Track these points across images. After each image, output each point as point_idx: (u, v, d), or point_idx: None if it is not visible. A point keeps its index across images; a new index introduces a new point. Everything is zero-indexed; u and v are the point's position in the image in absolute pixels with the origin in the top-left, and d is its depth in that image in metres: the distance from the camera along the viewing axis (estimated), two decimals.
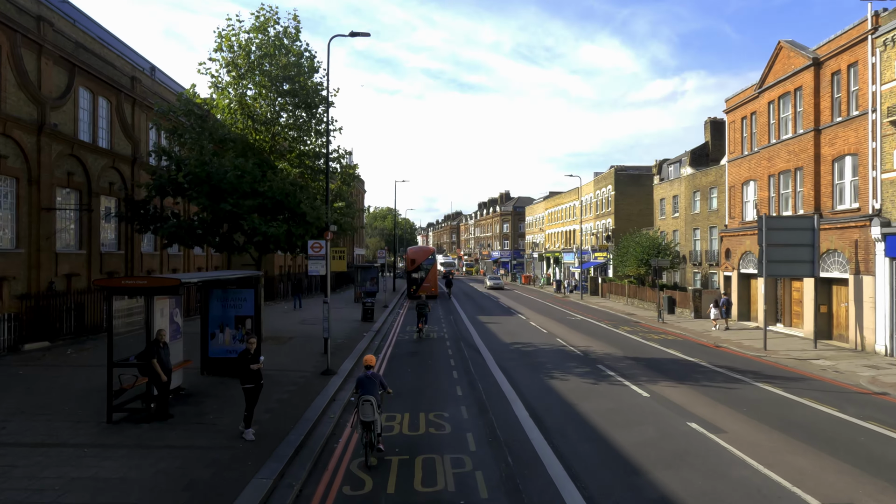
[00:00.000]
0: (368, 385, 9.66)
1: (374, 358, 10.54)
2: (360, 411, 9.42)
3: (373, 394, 9.56)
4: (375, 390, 9.67)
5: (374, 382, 9.76)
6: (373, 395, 9.54)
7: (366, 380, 9.74)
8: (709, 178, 40.38)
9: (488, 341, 23.92)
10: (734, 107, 32.09)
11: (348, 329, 25.93)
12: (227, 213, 18.20)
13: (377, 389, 9.73)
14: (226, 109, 20.41)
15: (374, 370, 10.07)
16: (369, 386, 9.65)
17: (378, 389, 9.76)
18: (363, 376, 9.84)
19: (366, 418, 9.40)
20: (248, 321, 15.25)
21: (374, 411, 9.41)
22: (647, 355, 20.78)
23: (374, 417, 9.46)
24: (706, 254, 40.45)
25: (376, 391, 9.68)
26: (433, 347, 22.29)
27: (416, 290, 48.24)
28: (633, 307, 41.30)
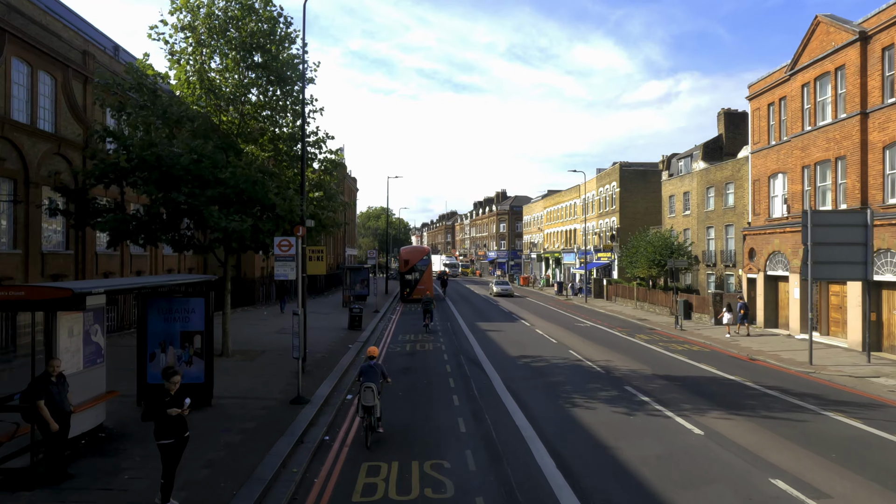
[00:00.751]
0: (370, 373, 10.85)
1: (377, 349, 11.83)
2: (362, 397, 10.58)
3: (374, 381, 10.70)
4: (377, 378, 10.82)
5: (376, 371, 10.93)
6: (374, 382, 10.68)
7: (368, 368, 10.96)
8: (724, 173, 37.52)
9: (492, 354, 20.90)
10: (759, 92, 29.19)
11: (332, 339, 22.83)
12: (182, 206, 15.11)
13: (378, 378, 10.87)
14: (184, 83, 17.32)
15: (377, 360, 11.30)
16: (371, 374, 10.83)
17: (379, 378, 10.91)
18: (365, 365, 11.08)
19: (367, 403, 10.54)
20: (197, 338, 12.17)
21: (374, 397, 10.53)
22: (679, 372, 17.80)
23: (375, 402, 10.57)
24: (721, 254, 37.60)
25: (377, 379, 10.83)
26: (429, 362, 19.25)
27: (410, 293, 45.17)
28: (643, 312, 38.36)
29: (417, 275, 45.47)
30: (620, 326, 30.40)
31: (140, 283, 10.90)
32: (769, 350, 22.17)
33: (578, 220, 63.81)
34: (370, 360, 11.20)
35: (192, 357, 12.11)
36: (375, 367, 10.99)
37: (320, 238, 18.94)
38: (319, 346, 21.12)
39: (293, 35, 18.32)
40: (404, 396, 14.49)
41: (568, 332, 27.75)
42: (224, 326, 17.92)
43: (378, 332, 26.48)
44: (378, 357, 12.62)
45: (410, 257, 46.10)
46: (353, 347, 21.06)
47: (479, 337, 25.36)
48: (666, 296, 36.89)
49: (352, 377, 16.53)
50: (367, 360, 11.26)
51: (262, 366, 17.01)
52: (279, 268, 13.07)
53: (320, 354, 19.30)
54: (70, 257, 21.22)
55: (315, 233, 17.70)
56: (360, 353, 20.60)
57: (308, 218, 16.38)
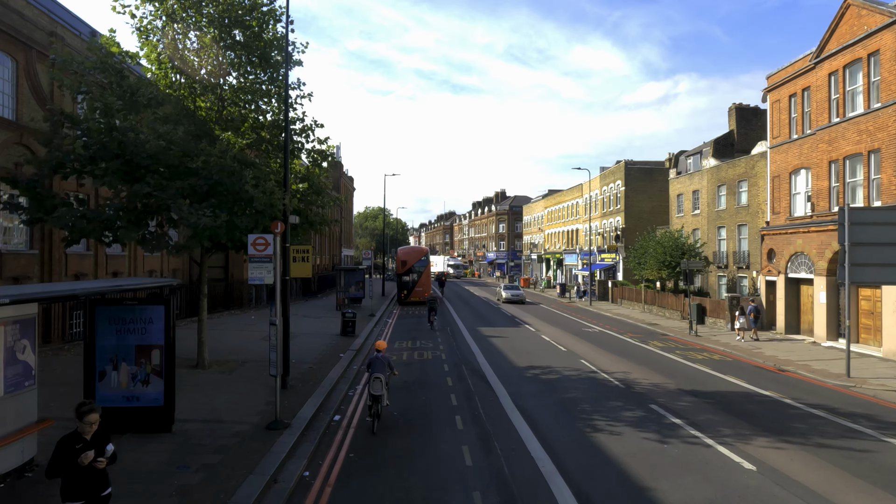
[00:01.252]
0: (378, 365, 11.75)
1: (385, 343, 12.88)
2: (371, 386, 11.45)
3: (382, 373, 11.60)
4: (384, 370, 11.73)
5: (384, 363, 11.84)
6: (382, 373, 11.59)
7: (376, 360, 11.86)
8: (737, 170, 35.79)
9: (497, 364, 19.07)
10: (779, 83, 27.42)
11: (322, 347, 20.97)
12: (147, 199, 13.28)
13: (386, 370, 11.80)
14: (154, 62, 15.47)
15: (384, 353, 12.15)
16: (379, 366, 11.74)
17: (387, 370, 11.82)
18: (374, 357, 11.98)
19: (375, 392, 11.39)
20: (156, 352, 10.32)
21: (382, 386, 11.44)
22: (706, 387, 15.99)
23: (383, 392, 11.45)
24: (734, 255, 35.87)
25: (385, 371, 11.74)
26: (428, 374, 17.41)
27: (408, 296, 43.34)
28: (652, 316, 36.56)
29: (415, 276, 43.63)
30: (631, 332, 28.59)
31: (79, 290, 9.02)
32: (797, 359, 20.39)
33: (581, 221, 62.05)
34: (378, 352, 12.18)
35: (149, 375, 10.26)
36: (383, 359, 11.96)
37: (307, 237, 17.05)
38: (308, 354, 19.28)
39: (278, 12, 16.48)
40: (401, 416, 12.67)
41: (577, 338, 25.93)
42: (200, 335, 16.07)
43: (373, 339, 24.61)
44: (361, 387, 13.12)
45: (408, 258, 44.27)
46: (345, 357, 19.21)
47: (482, 344, 23.53)
48: (677, 299, 35.11)
49: (341, 392, 14.74)
50: (376, 352, 12.24)
51: (241, 379, 15.15)
52: (254, 270, 11.22)
53: (307, 366, 17.45)
54: (33, 258, 19.35)
55: (301, 230, 15.85)
56: (352, 362, 18.76)
57: (292, 214, 14.54)
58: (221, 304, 31.00)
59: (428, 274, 44.21)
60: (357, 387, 15.73)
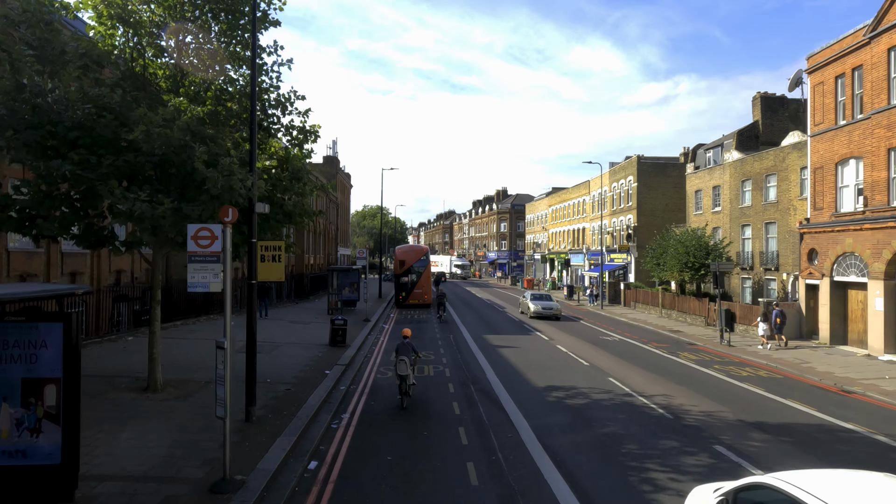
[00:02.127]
0: (403, 350, 13.47)
1: (410, 331, 14.47)
2: (398, 367, 13.29)
3: (407, 356, 13.38)
4: (409, 354, 13.47)
5: (408, 348, 13.55)
6: (407, 356, 13.36)
7: (402, 346, 13.56)
8: (764, 163, 32.88)
9: (511, 383, 16.11)
10: (822, 63, 24.48)
11: (306, 361, 17.99)
12: (74, 179, 10.31)
13: (411, 354, 13.52)
14: (94, 16, 12.47)
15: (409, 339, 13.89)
16: (404, 350, 13.46)
17: (412, 354, 13.55)
18: (400, 343, 13.63)
19: (402, 372, 13.25)
20: (51, 389, 7.34)
21: (407, 367, 13.23)
22: (772, 416, 13.04)
23: (408, 372, 13.28)
24: (760, 255, 32.95)
25: (410, 354, 13.47)
26: (429, 398, 14.44)
27: (406, 298, 40.36)
28: (672, 321, 33.61)
29: (414, 277, 40.66)
30: (655, 341, 25.65)
31: None
32: (858, 377, 17.46)
33: (588, 219, 59.15)
34: (404, 338, 13.82)
35: (40, 421, 7.29)
36: (408, 344, 13.59)
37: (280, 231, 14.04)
38: (287, 371, 16.30)
39: None
40: (395, 462, 9.71)
41: (597, 348, 22.97)
42: (151, 350, 13.10)
43: (366, 349, 21.65)
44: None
45: (407, 257, 41.30)
46: (332, 374, 16.23)
47: (490, 356, 20.57)
48: (700, 303, 32.18)
49: (322, 425, 11.80)
50: (403, 338, 13.88)
51: (196, 408, 12.16)
52: (195, 272, 8.24)
53: (285, 387, 14.46)
54: None
55: (274, 223, 12.85)
56: (340, 381, 15.80)
57: (261, 201, 11.59)
58: (200, 308, 28.00)
59: (428, 275, 41.24)
60: (343, 415, 12.77)
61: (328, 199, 62.42)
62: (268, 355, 18.27)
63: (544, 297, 36.30)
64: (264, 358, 17.77)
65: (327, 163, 71.62)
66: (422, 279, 40.62)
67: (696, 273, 31.58)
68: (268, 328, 24.90)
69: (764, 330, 23.28)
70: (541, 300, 35.25)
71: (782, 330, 23.55)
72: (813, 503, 4.62)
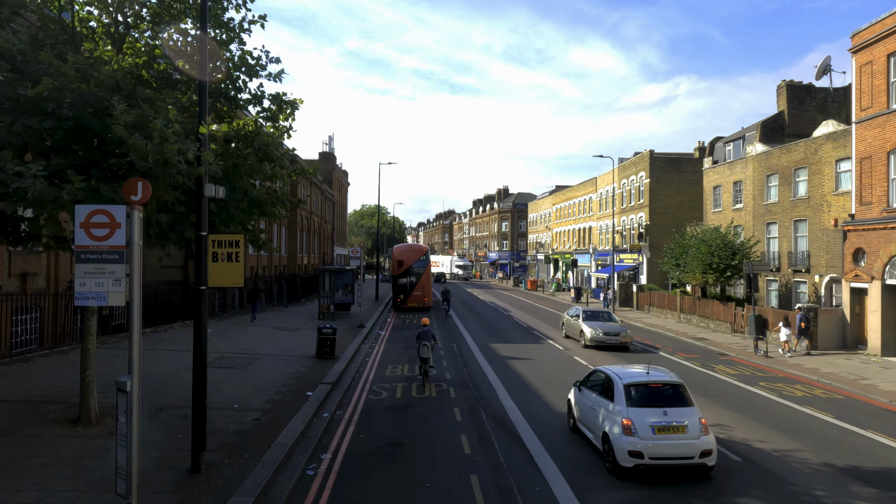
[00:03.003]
0: (425, 336, 15.67)
1: (428, 321, 16.80)
2: (420, 350, 15.56)
3: (428, 340, 15.61)
4: (430, 339, 15.71)
5: (429, 335, 15.77)
6: (428, 341, 15.61)
7: (423, 333, 15.77)
8: (793, 156, 30.25)
9: (529, 409, 13.44)
10: (871, 41, 21.83)
11: (285, 379, 15.28)
12: None
13: (431, 339, 15.77)
14: None
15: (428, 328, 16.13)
16: (425, 336, 15.66)
17: (431, 340, 15.81)
18: (421, 331, 15.88)
19: (424, 355, 15.53)
20: None
21: (428, 350, 15.56)
22: (865, 458, 10.37)
23: (429, 355, 15.58)
24: (789, 256, 30.32)
25: (430, 340, 15.70)
26: (432, 431, 11.76)
27: (405, 301, 37.67)
28: (693, 327, 30.96)
29: (413, 278, 37.97)
30: (682, 350, 22.99)
31: None
32: None
33: (594, 218, 56.49)
34: (424, 327, 16.18)
35: None
36: (428, 331, 15.96)
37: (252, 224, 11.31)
38: (261, 393, 13.60)
39: None
40: None
41: (619, 359, 20.27)
42: (83, 373, 10.40)
43: (358, 362, 18.96)
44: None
45: (405, 257, 38.60)
46: (315, 396, 13.55)
47: (502, 371, 17.90)
48: (725, 308, 29.52)
49: (296, 470, 9.14)
50: (423, 326, 16.23)
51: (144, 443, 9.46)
52: (84, 277, 5.50)
53: (254, 415, 11.75)
54: None
55: (238, 212, 10.10)
56: (324, 404, 13.13)
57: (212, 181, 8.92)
58: (178, 313, 25.30)
59: (428, 276, 38.53)
60: (324, 455, 10.10)
61: (323, 196, 59.72)
62: (240, 372, 15.59)
63: (603, 317, 24.16)
64: (236, 375, 15.09)
65: (323, 159, 68.97)
66: (421, 280, 37.93)
67: (722, 275, 28.92)
68: (248, 336, 22.20)
69: (786, 335, 21.84)
70: (599, 321, 23.45)
71: (807, 335, 22.30)
72: None
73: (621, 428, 9.17)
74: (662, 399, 9.62)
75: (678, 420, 9.22)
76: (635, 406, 9.45)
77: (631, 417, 9.22)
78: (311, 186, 52.41)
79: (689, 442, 9.03)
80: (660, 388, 9.80)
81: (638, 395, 9.66)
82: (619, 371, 10.45)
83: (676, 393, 9.77)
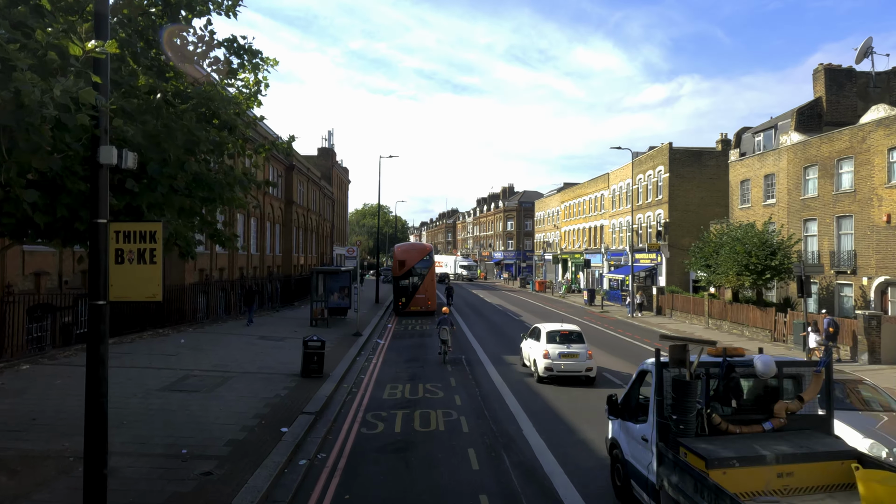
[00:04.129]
0: (444, 322, 19.11)
1: (448, 310, 22.58)
2: (440, 333, 19.03)
3: (447, 325, 19.04)
4: (449, 324, 19.13)
5: (448, 321, 19.27)
6: (447, 325, 19.04)
7: (443, 320, 19.21)
8: (836, 145, 27.33)
9: (561, 448, 10.57)
10: None
11: (258, 407, 12.34)
12: None
13: (449, 325, 19.17)
14: None
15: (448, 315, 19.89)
16: (444, 322, 19.11)
17: (449, 325, 19.19)
18: (442, 317, 19.39)
19: (443, 337, 18.90)
20: None
21: (448, 333, 18.95)
22: None
23: (448, 337, 18.93)
24: (831, 256, 27.39)
25: (449, 325, 19.11)
26: (440, 483, 8.88)
27: (407, 305, 34.78)
28: (725, 334, 28.02)
29: (416, 279, 35.08)
30: None
31: None
32: None
33: (607, 216, 53.59)
34: (444, 314, 19.76)
35: None
36: (447, 318, 19.39)
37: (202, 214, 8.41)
38: (223, 428, 10.69)
39: None
40: None
41: None
42: None
43: (351, 380, 16.07)
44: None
45: (407, 257, 35.72)
46: (291, 433, 10.67)
47: (522, 393, 15.02)
48: (763, 314, 26.58)
49: None
50: (443, 314, 19.83)
51: None
52: None
53: (205, 466, 8.84)
54: None
55: (162, 190, 7.17)
56: (300, 449, 10.25)
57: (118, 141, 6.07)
58: (150, 320, 22.44)
59: (432, 277, 35.61)
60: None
61: (321, 193, 56.87)
62: (204, 397, 12.70)
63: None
64: (197, 402, 12.21)
65: (322, 155, 66.14)
66: (424, 282, 35.03)
67: (760, 277, 25.99)
68: (226, 348, 19.35)
69: (816, 342, 19.88)
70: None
71: (835, 341, 20.87)
72: None
73: (541, 355, 16.16)
74: (567, 340, 16.45)
75: (574, 350, 16.07)
76: (549, 343, 16.32)
77: (547, 348, 16.13)
78: (309, 182, 49.56)
79: (580, 363, 15.93)
80: (566, 334, 16.71)
81: (551, 337, 16.54)
82: (545, 325, 17.89)
83: (576, 336, 16.68)
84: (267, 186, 9.50)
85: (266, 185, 9.50)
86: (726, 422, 6.62)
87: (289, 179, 42.39)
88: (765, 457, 5.94)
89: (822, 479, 5.98)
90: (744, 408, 6.90)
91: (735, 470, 5.78)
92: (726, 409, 6.84)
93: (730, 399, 6.80)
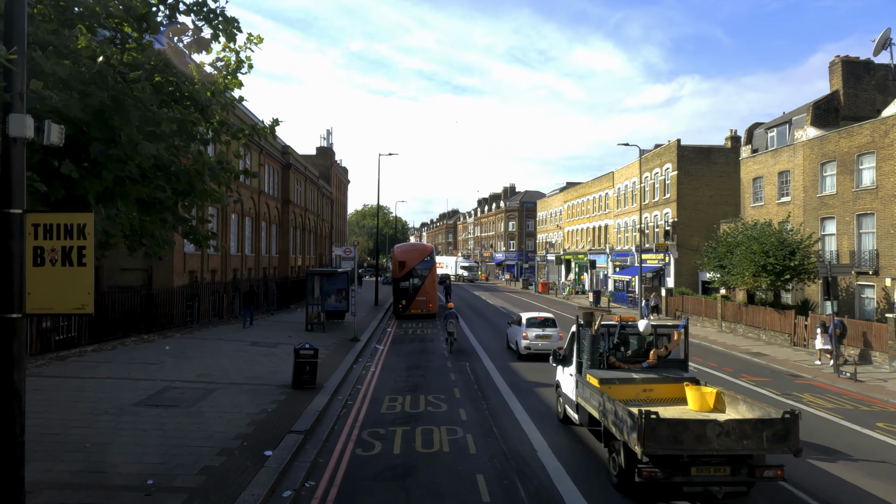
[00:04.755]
0: (450, 315, 21.37)
1: (453, 304, 24.96)
2: (447, 326, 21.05)
3: (453, 319, 21.26)
4: (455, 318, 21.35)
5: (455, 315, 21.66)
6: (453, 319, 21.23)
7: (449, 314, 21.53)
8: (857, 140, 26.09)
9: (580, 472, 9.30)
10: None
11: (242, 425, 11.07)
12: None
13: (455, 319, 21.38)
14: None
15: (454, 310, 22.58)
16: (451, 316, 21.33)
17: (455, 319, 21.41)
18: (448, 312, 21.75)
19: (449, 329, 20.94)
20: None
21: (454, 326, 21.09)
22: None
23: (454, 329, 21.05)
24: (851, 256, 26.13)
25: (455, 319, 21.33)
26: None
27: (407, 307, 33.51)
28: (741, 338, 26.76)
29: (417, 281, 33.81)
30: (746, 372, 18.82)
31: None
32: None
33: (612, 215, 52.33)
34: (449, 309, 22.17)
35: None
36: (453, 312, 21.81)
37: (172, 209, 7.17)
38: (196, 455, 9.42)
39: None
40: None
41: None
42: None
43: (346, 392, 14.79)
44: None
45: (407, 258, 34.46)
46: (276, 457, 9.41)
47: (532, 407, 13.75)
48: (782, 317, 25.30)
49: None
50: (447, 309, 22.27)
51: None
52: None
53: (171, 502, 7.59)
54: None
55: (108, 175, 5.95)
56: (285, 477, 8.98)
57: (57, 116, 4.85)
58: (134, 325, 21.17)
59: (433, 278, 34.34)
60: None
61: (320, 192, 55.60)
62: (183, 413, 11.44)
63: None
64: (174, 419, 10.95)
65: (321, 154, 64.88)
66: (425, 284, 33.76)
67: (778, 278, 24.72)
68: (212, 355, 18.07)
69: (822, 343, 20.02)
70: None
71: (840, 342, 20.19)
72: None
73: (521, 337, 20.24)
74: (543, 325, 20.55)
75: (547, 333, 20.16)
76: (529, 327, 20.38)
77: (527, 332, 20.20)
78: (307, 182, 48.31)
79: (552, 343, 19.55)
80: (542, 320, 20.84)
81: (530, 323, 20.67)
82: (525, 313, 21.84)
83: (550, 321, 20.80)
84: (248, 176, 8.24)
85: (245, 174, 8.24)
86: (619, 362, 10.68)
87: (285, 178, 41.12)
88: (634, 379, 10.05)
89: (670, 394, 9.85)
90: (632, 354, 11.00)
91: (616, 386, 9.76)
92: (618, 354, 10.89)
93: (621, 348, 10.97)
